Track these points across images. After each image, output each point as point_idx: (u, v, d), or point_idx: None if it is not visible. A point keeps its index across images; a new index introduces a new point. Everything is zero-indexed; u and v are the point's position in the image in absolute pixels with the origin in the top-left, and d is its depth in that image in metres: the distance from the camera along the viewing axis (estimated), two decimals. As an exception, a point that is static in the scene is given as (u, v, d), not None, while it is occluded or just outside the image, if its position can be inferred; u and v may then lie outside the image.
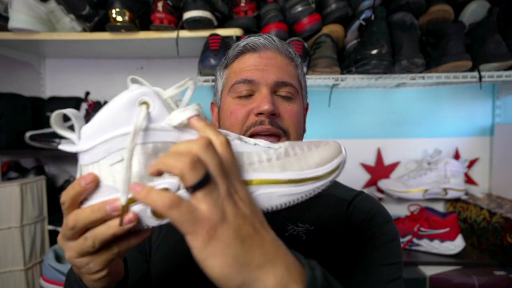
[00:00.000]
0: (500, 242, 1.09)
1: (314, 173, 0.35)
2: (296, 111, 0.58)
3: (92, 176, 0.32)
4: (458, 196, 1.31)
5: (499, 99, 1.38)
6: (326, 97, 1.38)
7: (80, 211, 0.32)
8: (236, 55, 0.60)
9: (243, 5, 1.13)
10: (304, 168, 0.35)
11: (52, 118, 0.33)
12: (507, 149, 1.30)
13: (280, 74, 0.57)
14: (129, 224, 0.31)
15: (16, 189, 1.06)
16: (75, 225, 0.32)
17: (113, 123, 0.33)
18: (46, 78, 1.46)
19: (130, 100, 0.32)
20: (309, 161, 0.36)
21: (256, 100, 0.56)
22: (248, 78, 0.56)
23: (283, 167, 0.35)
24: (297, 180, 0.35)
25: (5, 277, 1.06)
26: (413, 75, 1.12)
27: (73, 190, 0.32)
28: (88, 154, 0.33)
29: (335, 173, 0.36)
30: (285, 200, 0.35)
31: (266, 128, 0.54)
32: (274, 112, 0.54)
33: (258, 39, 0.59)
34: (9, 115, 1.17)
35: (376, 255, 0.53)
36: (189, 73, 1.43)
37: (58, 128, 0.34)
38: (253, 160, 0.35)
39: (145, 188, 0.28)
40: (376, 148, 1.43)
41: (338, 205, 0.59)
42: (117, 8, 1.06)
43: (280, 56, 0.59)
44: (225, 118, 0.59)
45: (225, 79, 0.62)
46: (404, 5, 1.10)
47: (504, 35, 1.09)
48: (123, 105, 0.33)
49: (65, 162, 1.47)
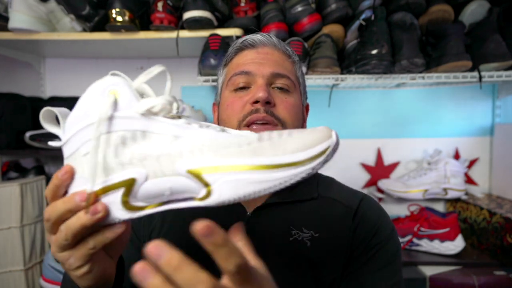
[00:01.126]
0: (500, 242, 1.09)
1: (291, 159, 0.30)
2: (293, 103, 0.58)
3: (66, 168, 0.33)
4: (458, 196, 1.31)
5: (499, 99, 1.38)
6: (326, 97, 1.38)
7: (54, 203, 0.33)
8: (235, 52, 0.62)
9: (243, 5, 1.13)
10: (279, 153, 0.31)
11: (40, 115, 0.34)
12: (507, 149, 1.30)
13: (276, 67, 0.58)
14: (97, 214, 0.31)
15: (16, 189, 1.06)
16: (49, 217, 0.32)
17: (86, 114, 0.33)
18: (46, 78, 1.46)
19: (100, 89, 0.33)
20: (286, 146, 0.31)
21: (252, 91, 0.57)
22: (245, 70, 0.58)
23: (253, 152, 0.31)
24: (269, 166, 0.30)
25: (5, 277, 1.06)
26: (413, 75, 1.12)
27: (52, 184, 0.33)
28: (66, 146, 0.34)
29: (319, 158, 0.30)
30: (254, 189, 0.30)
31: (262, 116, 0.54)
32: (269, 100, 0.55)
33: (256, 35, 0.60)
34: (9, 115, 1.17)
35: (378, 276, 0.54)
36: (189, 73, 1.43)
37: (45, 124, 0.35)
38: (220, 145, 0.32)
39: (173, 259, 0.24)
40: (376, 148, 1.43)
41: (345, 214, 0.58)
42: (117, 8, 1.06)
43: (278, 52, 0.60)
44: (223, 111, 0.60)
45: (224, 75, 0.63)
46: (404, 5, 1.10)
47: (504, 35, 1.09)
48: (94, 95, 0.33)
49: (65, 162, 1.47)
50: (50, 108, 0.35)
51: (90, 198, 0.31)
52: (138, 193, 0.32)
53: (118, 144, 0.32)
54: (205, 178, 0.31)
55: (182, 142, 0.32)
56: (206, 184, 0.31)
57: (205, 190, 0.31)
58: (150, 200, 0.33)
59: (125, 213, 0.33)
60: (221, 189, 0.31)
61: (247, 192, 0.31)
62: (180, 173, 0.31)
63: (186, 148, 0.32)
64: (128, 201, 0.32)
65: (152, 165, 0.32)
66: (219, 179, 0.31)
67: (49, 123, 0.35)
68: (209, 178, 0.31)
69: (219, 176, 0.31)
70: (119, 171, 0.32)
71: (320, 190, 0.61)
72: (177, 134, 0.32)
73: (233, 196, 0.31)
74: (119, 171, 0.32)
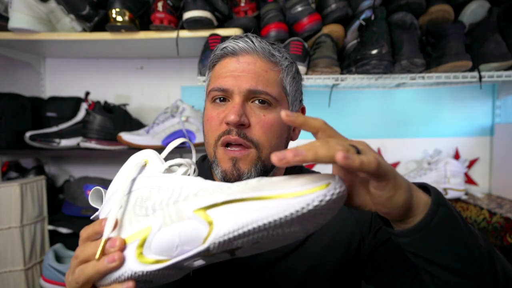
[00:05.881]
0: (500, 242, 1.09)
1: (288, 190, 0.31)
2: (271, 121, 0.55)
3: (115, 221, 0.37)
4: (458, 196, 1.31)
5: (499, 99, 1.38)
6: (326, 97, 1.38)
7: (87, 243, 0.38)
8: (217, 59, 0.59)
9: (243, 5, 1.13)
10: (276, 188, 0.32)
11: (90, 195, 0.42)
12: (507, 149, 1.30)
13: (254, 81, 0.54)
14: (113, 262, 0.34)
15: (16, 189, 1.06)
16: (78, 256, 0.38)
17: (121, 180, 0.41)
18: (46, 78, 1.46)
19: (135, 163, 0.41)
20: (286, 184, 0.32)
21: (228, 108, 0.55)
22: (222, 87, 0.55)
23: (252, 188, 0.33)
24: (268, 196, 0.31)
25: (5, 277, 1.06)
26: (413, 75, 1.12)
27: (92, 229, 0.38)
28: (101, 212, 0.41)
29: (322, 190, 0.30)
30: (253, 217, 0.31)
31: (234, 138, 0.53)
32: (241, 122, 0.53)
33: (237, 42, 0.56)
34: (9, 115, 1.17)
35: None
36: (189, 73, 1.43)
37: (93, 202, 0.43)
38: (223, 188, 0.35)
39: None
40: (376, 148, 1.43)
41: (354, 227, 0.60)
42: (117, 8, 1.06)
43: (260, 60, 0.56)
44: (204, 123, 0.59)
45: (208, 82, 0.62)
46: (404, 5, 1.10)
47: (504, 35, 1.09)
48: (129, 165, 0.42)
49: (65, 162, 1.47)
50: (100, 188, 0.42)
51: (104, 243, 0.36)
52: (152, 244, 0.34)
53: (137, 200, 0.37)
54: (209, 214, 0.33)
55: (188, 188, 0.36)
56: (210, 222, 0.33)
57: (208, 229, 0.33)
58: (162, 253, 0.34)
59: (139, 265, 0.34)
60: (223, 221, 0.32)
61: (245, 220, 0.31)
62: (187, 216, 0.34)
63: (191, 192, 0.36)
64: (142, 252, 0.35)
65: (163, 214, 0.35)
66: (221, 212, 0.33)
67: (95, 202, 0.43)
68: (212, 213, 0.33)
69: (221, 209, 0.33)
70: (135, 224, 0.36)
71: None
72: (184, 185, 0.37)
73: (234, 226, 0.31)
74: (135, 224, 0.36)
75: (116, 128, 1.20)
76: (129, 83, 1.45)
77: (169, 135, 1.19)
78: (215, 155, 0.56)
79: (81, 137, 1.20)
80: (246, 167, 0.54)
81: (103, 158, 1.46)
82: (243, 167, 0.53)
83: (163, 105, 1.39)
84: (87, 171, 1.44)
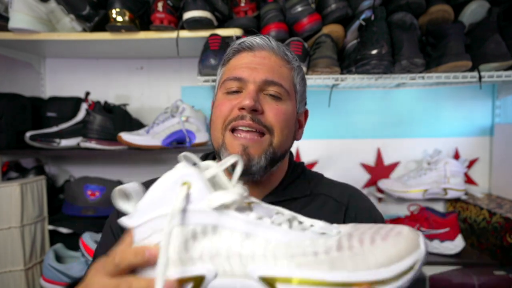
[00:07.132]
0: (500, 242, 1.09)
1: (373, 276, 0.27)
2: (283, 110, 0.57)
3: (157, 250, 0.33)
4: (458, 196, 1.31)
5: (499, 99, 1.38)
6: (326, 97, 1.38)
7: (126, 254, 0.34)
8: (233, 53, 0.61)
9: (243, 5, 1.13)
10: (360, 268, 0.28)
11: (114, 193, 0.36)
12: (507, 149, 1.30)
13: (270, 73, 0.57)
14: None
15: (16, 189, 1.06)
16: (119, 263, 0.34)
17: (158, 203, 0.34)
18: (46, 78, 1.46)
19: (173, 179, 0.34)
20: (369, 259, 0.28)
21: (242, 96, 0.57)
22: (238, 76, 0.57)
23: (332, 264, 0.29)
24: (348, 284, 0.28)
25: (5, 277, 1.06)
26: (413, 75, 1.12)
27: (134, 253, 0.34)
28: (138, 230, 0.35)
29: (406, 276, 0.27)
30: None
31: (247, 123, 0.54)
32: (255, 108, 0.54)
33: (255, 38, 0.59)
34: (9, 115, 1.17)
35: None
36: (189, 73, 1.43)
37: (118, 202, 0.37)
38: (295, 252, 0.30)
39: None
40: (376, 148, 1.43)
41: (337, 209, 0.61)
42: (117, 8, 1.06)
43: (275, 57, 0.59)
44: (213, 111, 0.60)
45: (220, 75, 0.63)
46: (404, 5, 1.10)
47: (504, 35, 1.09)
48: (167, 184, 0.34)
49: (65, 162, 1.47)
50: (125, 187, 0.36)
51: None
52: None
53: (189, 238, 0.33)
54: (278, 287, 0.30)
55: (254, 243, 0.32)
56: None
57: None
58: None
59: None
60: None
61: None
62: (251, 277, 0.30)
63: (258, 250, 0.31)
64: None
65: (222, 264, 0.32)
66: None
67: (121, 200, 0.37)
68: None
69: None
70: (189, 265, 0.32)
71: (312, 187, 0.63)
72: (248, 231, 0.32)
73: None
74: (189, 266, 0.32)
75: (116, 128, 1.20)
76: (129, 83, 1.45)
77: (169, 135, 1.19)
78: (223, 139, 0.56)
79: (81, 137, 1.20)
80: (256, 153, 0.54)
81: (103, 158, 1.46)
82: (253, 153, 0.54)
83: (163, 105, 1.38)
84: (87, 171, 1.44)
